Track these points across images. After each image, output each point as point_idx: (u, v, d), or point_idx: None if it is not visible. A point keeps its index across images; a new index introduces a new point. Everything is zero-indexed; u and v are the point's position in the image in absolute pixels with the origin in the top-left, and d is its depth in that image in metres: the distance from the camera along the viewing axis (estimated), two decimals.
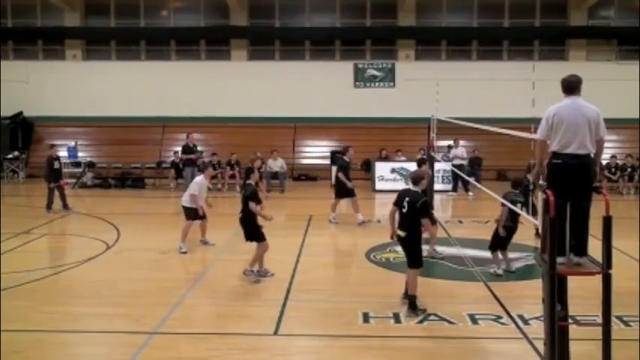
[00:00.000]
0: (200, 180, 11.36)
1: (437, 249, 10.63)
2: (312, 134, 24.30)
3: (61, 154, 18.54)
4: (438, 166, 17.54)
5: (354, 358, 6.45)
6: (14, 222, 13.46)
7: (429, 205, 9.64)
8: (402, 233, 7.76)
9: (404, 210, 7.74)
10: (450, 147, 19.98)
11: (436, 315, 7.59)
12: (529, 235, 11.21)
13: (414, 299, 7.69)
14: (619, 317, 7.22)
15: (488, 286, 8.89)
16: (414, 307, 7.63)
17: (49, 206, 15.19)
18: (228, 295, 8.57)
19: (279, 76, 23.89)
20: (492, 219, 10.33)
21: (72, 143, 22.50)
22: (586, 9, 24.14)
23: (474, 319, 7.46)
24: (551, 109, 5.57)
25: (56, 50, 25.21)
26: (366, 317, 7.55)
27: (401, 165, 19.73)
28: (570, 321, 5.64)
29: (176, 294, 8.45)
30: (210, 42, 25.24)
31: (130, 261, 10.52)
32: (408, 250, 7.83)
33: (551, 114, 5.52)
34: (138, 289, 8.79)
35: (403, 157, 20.55)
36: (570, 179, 5.40)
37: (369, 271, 9.99)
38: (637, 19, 22.61)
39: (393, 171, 19.67)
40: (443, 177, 19.63)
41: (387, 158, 20.80)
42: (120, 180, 21.28)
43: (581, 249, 5.49)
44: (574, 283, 5.71)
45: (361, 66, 24.31)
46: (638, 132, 21.01)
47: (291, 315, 7.67)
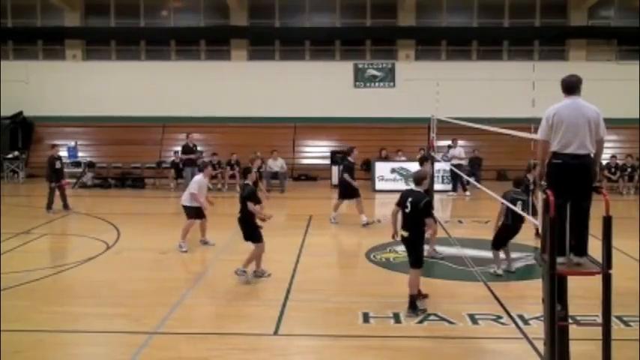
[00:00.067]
0: (199, 179, 11.37)
1: (437, 249, 10.64)
2: (312, 134, 24.29)
3: (61, 154, 18.52)
4: (437, 166, 17.54)
5: (354, 358, 6.45)
6: (14, 222, 13.47)
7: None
8: (405, 233, 7.78)
9: (407, 210, 7.75)
10: (450, 147, 19.98)
11: (436, 315, 7.60)
12: (529, 235, 11.20)
13: (415, 299, 7.70)
14: (619, 317, 7.23)
15: (488, 286, 8.90)
16: (414, 306, 7.63)
17: (50, 206, 15.20)
18: (228, 295, 8.57)
19: (279, 76, 23.89)
20: (492, 219, 10.32)
21: (72, 143, 22.52)
22: (586, 9, 24.13)
23: (474, 319, 7.46)
24: (551, 109, 5.57)
25: (56, 50, 25.21)
26: (366, 317, 7.55)
27: (401, 165, 19.75)
28: (570, 321, 5.65)
29: (176, 294, 8.45)
30: (210, 42, 25.23)
31: (130, 261, 10.52)
32: (411, 250, 7.84)
33: (551, 114, 5.52)
34: (138, 289, 8.80)
35: (403, 157, 20.56)
36: (570, 179, 5.40)
37: (369, 271, 10.00)
38: (637, 19, 22.61)
39: (393, 171, 19.68)
40: (443, 177, 19.65)
41: (387, 158, 20.80)
42: (120, 180, 21.29)
43: (581, 249, 5.49)
44: (574, 283, 5.71)
45: (361, 66, 24.31)
46: (638, 132, 21.02)
47: (291, 315, 7.67)
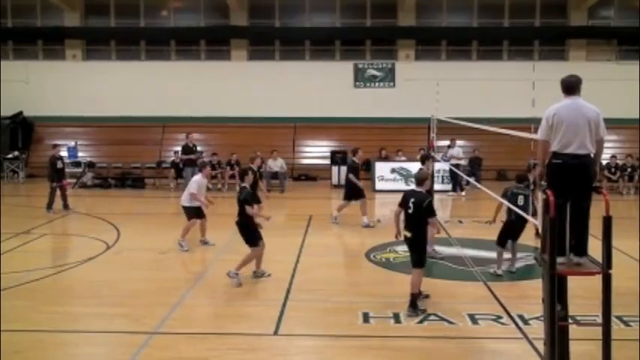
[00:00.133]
0: (199, 179, 11.36)
1: (437, 249, 10.64)
2: (312, 134, 24.29)
3: (62, 154, 18.51)
4: (437, 166, 17.54)
5: (354, 358, 6.45)
6: (14, 222, 13.47)
7: None
8: (409, 234, 7.80)
9: (410, 211, 7.77)
10: (450, 147, 19.98)
11: (436, 315, 7.60)
12: (529, 235, 11.19)
13: (416, 298, 7.71)
14: (619, 317, 7.23)
15: (488, 286, 8.90)
16: (414, 305, 7.64)
17: (50, 206, 15.19)
18: (228, 295, 8.56)
19: (279, 76, 23.89)
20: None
21: (72, 143, 22.52)
22: (586, 9, 24.13)
23: (474, 319, 7.46)
24: (551, 109, 5.57)
25: (56, 50, 25.21)
26: (366, 317, 7.55)
27: (401, 165, 19.75)
28: (570, 321, 5.65)
29: (176, 294, 8.45)
30: (210, 42, 25.24)
31: (130, 261, 10.52)
32: (414, 250, 7.85)
33: (551, 114, 5.52)
34: (138, 289, 8.79)
35: (403, 157, 20.56)
36: (570, 179, 5.40)
37: (369, 271, 10.00)
38: (637, 19, 22.61)
39: (393, 171, 19.68)
40: (443, 177, 19.64)
41: (387, 158, 20.80)
42: (120, 180, 21.30)
43: (581, 249, 5.49)
44: (574, 283, 5.71)
45: (361, 66, 24.31)
46: (638, 132, 21.02)
47: (291, 315, 7.67)
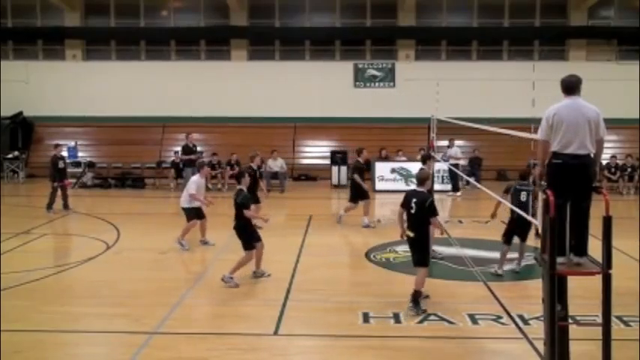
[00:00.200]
0: (197, 179, 11.34)
1: (437, 249, 10.62)
2: (312, 134, 24.29)
3: (63, 153, 18.49)
4: (436, 166, 17.52)
5: (354, 358, 6.45)
6: (14, 222, 13.46)
7: None
8: (412, 233, 7.83)
9: (412, 211, 7.80)
10: (449, 147, 19.97)
11: (436, 315, 7.59)
12: (529, 235, 11.18)
13: (419, 295, 7.73)
14: (619, 317, 7.23)
15: (488, 286, 8.90)
16: (417, 302, 7.67)
17: (50, 206, 15.20)
18: (228, 295, 8.56)
19: (279, 76, 23.89)
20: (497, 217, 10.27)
21: (72, 143, 22.50)
22: (586, 9, 24.13)
23: (474, 319, 7.46)
24: (551, 109, 5.57)
25: (56, 50, 25.21)
26: (366, 317, 7.55)
27: (401, 165, 19.75)
28: (570, 321, 5.65)
29: (176, 294, 8.45)
30: (210, 42, 25.24)
31: (130, 261, 10.52)
32: (417, 249, 7.87)
33: (551, 114, 5.52)
34: (138, 289, 8.80)
35: (403, 157, 20.56)
36: (570, 179, 5.40)
37: (369, 271, 10.00)
38: (637, 19, 22.61)
39: (393, 171, 19.67)
40: (443, 177, 19.63)
41: (387, 158, 20.79)
42: (120, 180, 21.30)
43: (581, 249, 5.49)
44: (574, 283, 5.71)
45: (361, 66, 24.31)
46: (638, 132, 21.02)
47: (291, 315, 7.67)
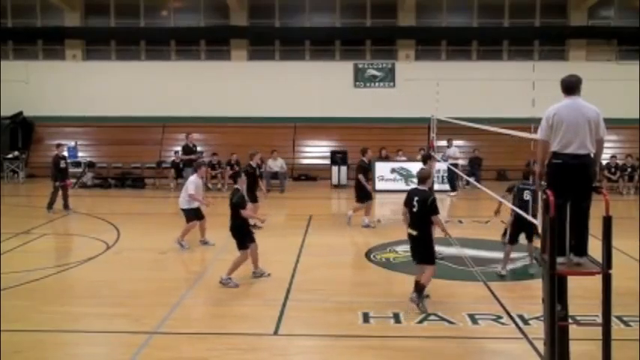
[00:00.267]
0: (194, 179, 11.34)
1: (437, 249, 10.59)
2: (312, 134, 24.28)
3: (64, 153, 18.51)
4: (436, 166, 17.52)
5: (354, 358, 6.46)
6: (14, 222, 13.46)
7: None
8: (414, 232, 7.85)
9: (414, 209, 7.83)
10: (448, 147, 19.97)
11: (436, 315, 7.60)
12: None
13: (423, 288, 7.77)
14: (619, 317, 7.23)
15: (488, 286, 8.90)
16: (420, 293, 7.72)
17: (51, 205, 15.20)
18: (228, 295, 8.56)
19: (279, 76, 23.87)
20: (493, 218, 10.29)
21: (72, 143, 22.46)
22: (586, 9, 24.12)
23: (474, 319, 7.47)
24: (551, 109, 5.57)
25: (56, 50, 25.19)
26: (366, 317, 7.56)
27: (401, 165, 19.74)
28: (570, 321, 5.65)
29: (176, 294, 8.46)
30: (210, 42, 25.22)
31: (130, 261, 10.53)
32: (421, 247, 7.89)
33: (551, 114, 5.52)
34: (138, 289, 8.80)
35: (403, 157, 20.55)
36: (570, 179, 5.40)
37: (369, 271, 10.01)
38: (637, 19, 22.60)
39: (393, 171, 19.67)
40: (442, 177, 19.62)
41: (387, 158, 20.78)
42: (120, 180, 21.29)
43: (581, 249, 5.49)
44: (574, 283, 5.71)
45: (361, 66, 24.29)
46: (638, 132, 21.01)
47: (291, 315, 7.68)
